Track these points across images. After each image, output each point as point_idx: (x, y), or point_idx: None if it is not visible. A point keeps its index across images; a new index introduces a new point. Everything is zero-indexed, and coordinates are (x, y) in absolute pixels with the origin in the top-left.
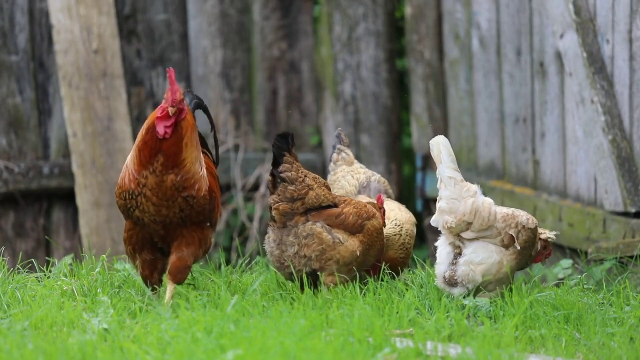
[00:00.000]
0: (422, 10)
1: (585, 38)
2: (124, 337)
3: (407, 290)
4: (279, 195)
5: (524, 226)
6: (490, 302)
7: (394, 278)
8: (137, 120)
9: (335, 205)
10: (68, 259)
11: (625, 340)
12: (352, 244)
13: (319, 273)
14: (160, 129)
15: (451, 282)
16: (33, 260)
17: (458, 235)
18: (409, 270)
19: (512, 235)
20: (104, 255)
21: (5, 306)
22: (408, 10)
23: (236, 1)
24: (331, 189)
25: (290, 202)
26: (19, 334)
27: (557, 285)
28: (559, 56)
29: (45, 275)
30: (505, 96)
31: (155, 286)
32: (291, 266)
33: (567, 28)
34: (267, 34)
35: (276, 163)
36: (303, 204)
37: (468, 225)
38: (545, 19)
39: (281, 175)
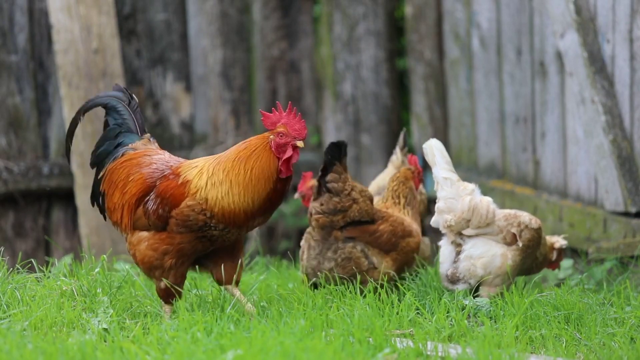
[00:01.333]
0: (423, 10)
1: (586, 38)
2: (124, 337)
3: (407, 290)
4: (322, 205)
5: (526, 225)
6: (491, 302)
7: None
8: None
9: (373, 221)
10: (68, 259)
11: (626, 340)
12: (385, 267)
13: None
14: (288, 171)
15: (453, 280)
16: (32, 260)
17: (459, 234)
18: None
19: (514, 233)
20: (104, 256)
21: (5, 306)
22: (408, 9)
23: (236, 1)
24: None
25: (332, 215)
26: (19, 334)
27: (558, 285)
28: (559, 56)
29: (44, 275)
30: (506, 96)
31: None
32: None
33: (567, 28)
34: (267, 33)
35: (325, 171)
36: (344, 217)
37: (467, 222)
38: (545, 18)
39: (327, 185)
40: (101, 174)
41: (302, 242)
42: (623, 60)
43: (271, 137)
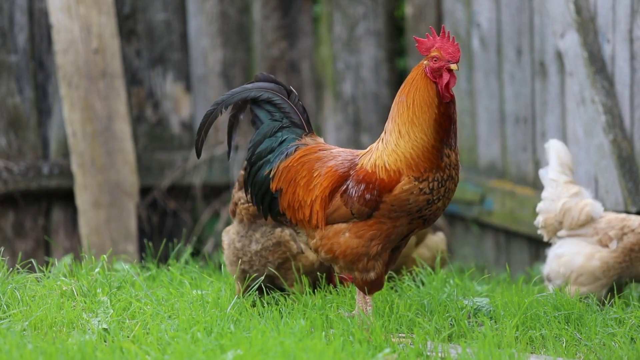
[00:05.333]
0: (423, 9)
1: (586, 38)
2: (124, 337)
3: (409, 289)
4: None
5: (632, 229)
6: (491, 302)
7: None
8: (137, 120)
9: None
10: (67, 259)
11: (626, 340)
12: (311, 255)
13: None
14: (449, 94)
15: (548, 279)
16: (32, 260)
17: (555, 234)
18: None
19: (610, 235)
20: (104, 255)
21: (5, 306)
22: (408, 9)
23: (236, 1)
24: None
25: None
26: (19, 334)
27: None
28: (559, 56)
29: (44, 275)
30: (506, 96)
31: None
32: (251, 262)
33: (567, 28)
34: (267, 33)
35: None
36: None
37: (560, 224)
38: (545, 18)
39: None
40: (272, 172)
41: (224, 235)
42: (623, 60)
43: (425, 62)
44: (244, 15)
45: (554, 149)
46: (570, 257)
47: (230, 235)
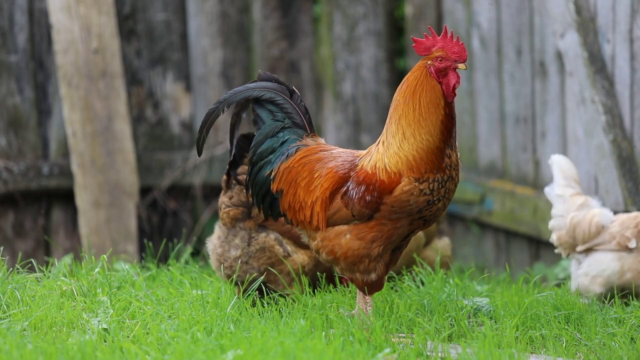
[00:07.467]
0: (423, 9)
1: (586, 38)
2: (124, 337)
3: (409, 289)
4: (231, 198)
5: None
6: (491, 302)
7: None
8: (137, 120)
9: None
10: (67, 259)
11: (626, 340)
12: (300, 257)
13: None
14: (453, 94)
15: (580, 294)
16: (32, 260)
17: (573, 250)
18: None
19: (627, 236)
20: (104, 255)
21: (5, 306)
22: (408, 9)
23: (236, 1)
24: None
25: (243, 207)
26: (19, 334)
27: (558, 285)
28: (559, 56)
29: (44, 275)
30: (506, 96)
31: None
32: (233, 268)
33: (567, 28)
34: (267, 33)
35: (235, 164)
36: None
37: (574, 239)
38: (545, 18)
39: (237, 177)
40: (273, 173)
41: (207, 240)
42: (623, 60)
43: (429, 62)
44: (244, 15)
45: (557, 164)
46: (606, 278)
47: (213, 241)
